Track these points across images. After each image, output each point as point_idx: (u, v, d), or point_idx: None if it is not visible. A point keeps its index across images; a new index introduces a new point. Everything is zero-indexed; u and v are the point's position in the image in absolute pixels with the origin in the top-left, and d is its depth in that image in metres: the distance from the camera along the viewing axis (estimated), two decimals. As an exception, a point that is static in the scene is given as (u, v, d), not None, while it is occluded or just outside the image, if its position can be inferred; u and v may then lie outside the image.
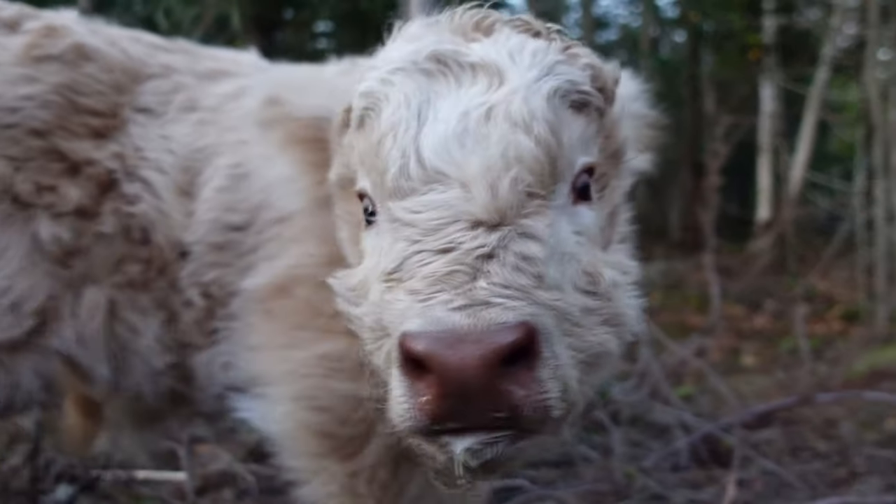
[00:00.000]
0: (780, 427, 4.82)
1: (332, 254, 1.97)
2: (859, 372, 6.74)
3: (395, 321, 1.25)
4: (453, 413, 1.15)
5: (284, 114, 1.79)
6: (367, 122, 1.48)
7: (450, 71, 1.44)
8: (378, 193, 1.43)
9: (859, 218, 8.82)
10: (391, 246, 1.33)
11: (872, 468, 4.07)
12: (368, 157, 1.44)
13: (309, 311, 1.98)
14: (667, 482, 3.80)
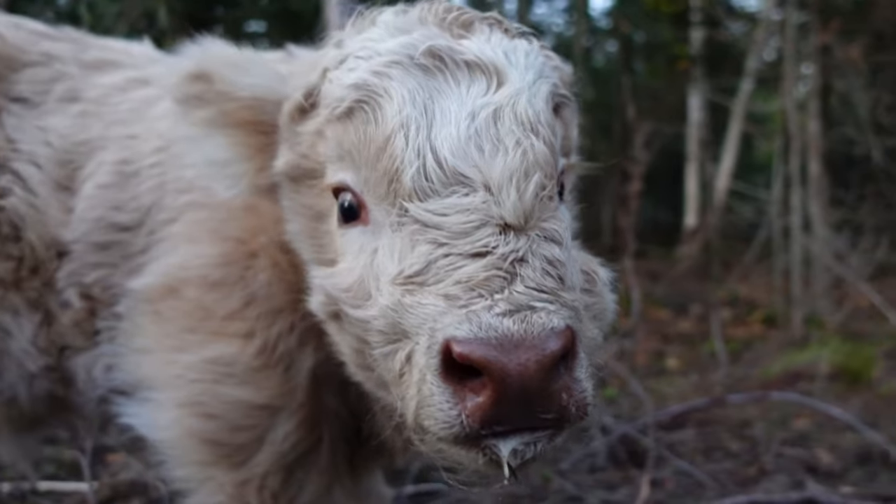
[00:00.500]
0: (696, 427, 4.95)
1: (227, 253, 1.92)
2: (775, 373, 6.98)
3: (421, 325, 1.22)
4: (506, 417, 1.15)
5: (219, 92, 1.63)
6: (360, 115, 1.41)
7: (447, 68, 1.41)
8: (377, 191, 1.38)
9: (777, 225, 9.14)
10: (410, 248, 1.29)
11: (780, 466, 4.21)
12: (364, 152, 1.39)
13: (199, 312, 1.91)
14: (583, 483, 3.85)
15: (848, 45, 9.13)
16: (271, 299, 1.89)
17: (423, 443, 1.29)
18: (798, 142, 8.72)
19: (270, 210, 1.91)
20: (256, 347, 1.88)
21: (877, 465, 4.22)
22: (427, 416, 1.20)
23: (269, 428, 1.88)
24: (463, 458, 1.25)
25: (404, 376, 1.27)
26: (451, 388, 1.17)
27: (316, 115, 1.53)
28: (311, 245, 1.60)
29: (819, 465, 4.25)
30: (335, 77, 1.50)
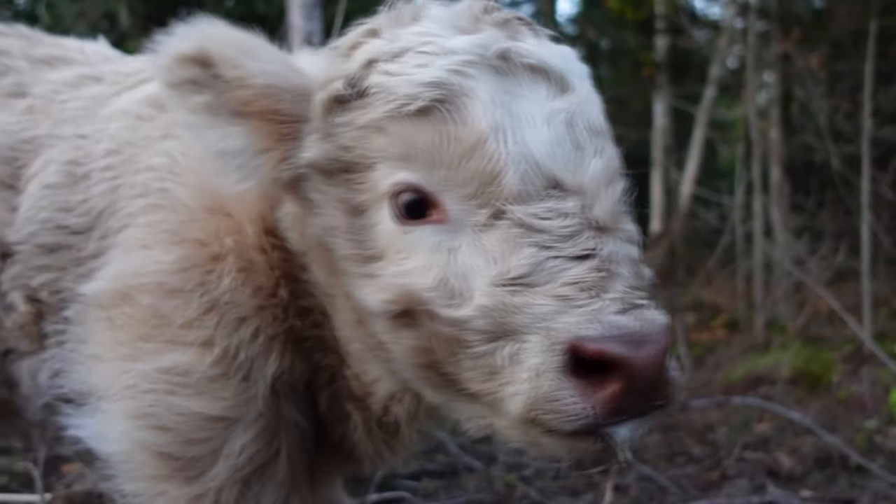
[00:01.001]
0: (660, 432, 4.98)
1: (186, 257, 1.86)
2: (738, 377, 7.06)
3: (533, 325, 1.26)
4: (629, 407, 1.23)
5: (230, 78, 1.53)
6: (439, 114, 1.39)
7: (516, 71, 1.43)
8: (462, 191, 1.38)
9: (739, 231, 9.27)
10: (511, 250, 1.31)
11: (742, 470, 4.25)
12: (445, 152, 1.38)
13: (155, 320, 1.84)
14: (547, 490, 3.85)
15: (808, 53, 9.29)
16: (235, 306, 1.84)
17: (526, 435, 1.34)
18: (759, 148, 8.85)
19: (246, 210, 1.86)
20: (215, 356, 1.83)
21: (836, 469, 4.29)
22: (548, 411, 1.25)
23: (225, 440, 1.82)
24: (574, 448, 1.33)
25: (503, 373, 1.30)
26: (576, 383, 1.23)
27: (365, 108, 1.48)
28: (347, 240, 1.54)
29: (780, 469, 4.30)
30: (394, 70, 1.46)
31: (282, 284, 1.87)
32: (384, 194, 1.47)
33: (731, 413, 5.19)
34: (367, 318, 1.55)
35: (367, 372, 1.82)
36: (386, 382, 1.79)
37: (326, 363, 1.94)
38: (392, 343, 1.52)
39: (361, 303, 1.52)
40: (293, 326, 1.90)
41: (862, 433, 5.19)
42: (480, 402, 1.40)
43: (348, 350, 1.82)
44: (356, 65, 1.51)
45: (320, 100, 1.53)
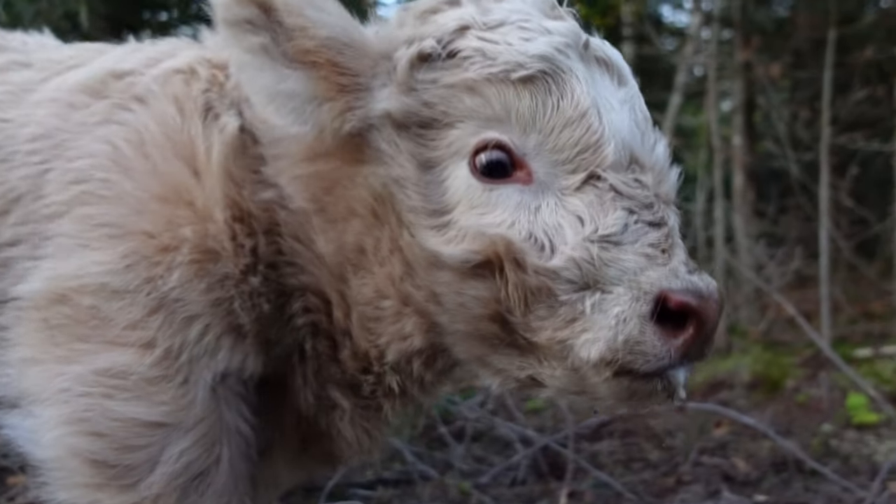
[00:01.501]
0: (619, 438, 4.99)
1: (132, 252, 1.76)
2: (698, 381, 7.11)
3: (621, 277, 1.45)
4: (693, 352, 1.44)
5: (294, 25, 1.55)
6: (544, 85, 1.53)
7: (592, 60, 1.61)
8: (554, 157, 1.53)
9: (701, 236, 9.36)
10: (603, 211, 1.49)
11: (698, 476, 4.26)
12: (546, 119, 1.52)
13: (95, 321, 1.76)
14: (502, 497, 3.82)
15: (769, 62, 9.43)
16: (184, 303, 1.77)
17: (587, 379, 1.49)
18: (722, 155, 8.95)
19: (213, 195, 1.80)
20: (155, 357, 1.76)
21: (791, 473, 4.32)
22: (632, 352, 1.43)
23: (163, 447, 1.76)
24: (640, 389, 1.50)
25: (583, 321, 1.47)
26: (657, 329, 1.42)
27: (455, 69, 1.57)
28: (416, 192, 1.60)
29: (735, 474, 4.32)
30: (495, 39, 1.57)
31: (254, 272, 1.81)
32: (466, 151, 1.56)
33: (690, 418, 5.21)
34: (428, 269, 1.60)
35: (384, 334, 1.78)
36: (408, 342, 1.75)
37: (315, 349, 1.90)
38: (454, 294, 1.58)
39: (429, 252, 1.58)
40: (263, 315, 1.83)
41: (818, 437, 5.25)
42: (538, 352, 1.54)
43: (363, 314, 1.78)
44: (446, 28, 1.60)
45: (407, 55, 1.59)
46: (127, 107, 1.94)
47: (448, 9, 1.67)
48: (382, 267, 1.70)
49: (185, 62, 2.02)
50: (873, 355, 7.76)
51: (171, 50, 2.12)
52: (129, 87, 1.98)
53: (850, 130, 9.21)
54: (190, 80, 1.97)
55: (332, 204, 1.74)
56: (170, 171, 1.83)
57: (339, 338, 1.87)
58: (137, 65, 2.05)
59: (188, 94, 1.93)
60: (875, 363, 7.37)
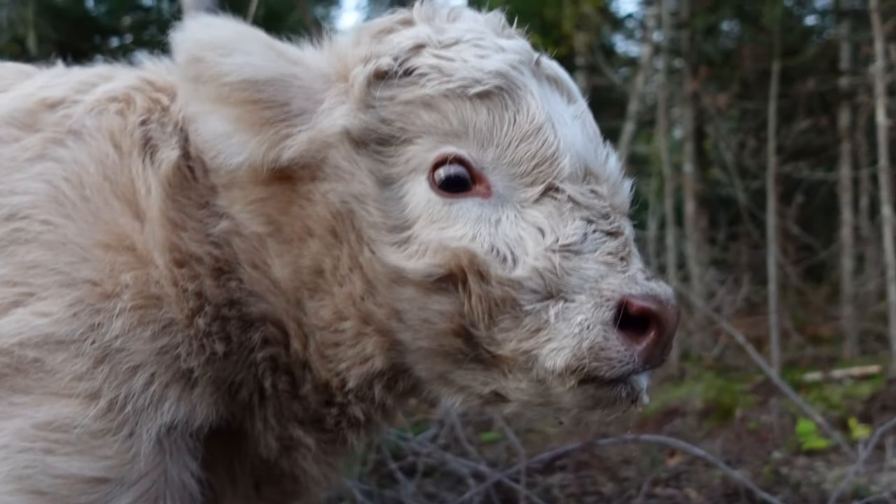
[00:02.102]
0: (573, 471, 4.95)
1: (77, 301, 1.68)
2: (653, 410, 7.13)
3: (583, 285, 1.48)
4: (655, 357, 1.47)
5: (211, 75, 1.61)
6: (500, 100, 1.56)
7: (543, 77, 1.66)
8: (512, 170, 1.55)
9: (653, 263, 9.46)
10: (562, 221, 1.52)
11: (650, 508, 4.25)
12: (503, 134, 1.55)
13: (38, 373, 1.67)
14: (453, 535, 3.75)
15: (717, 92, 9.64)
16: (128, 353, 1.69)
17: (552, 389, 1.52)
18: (673, 183, 9.09)
19: (153, 239, 1.73)
20: (99, 409, 1.68)
21: (742, 502, 4.33)
22: (597, 359, 1.45)
23: (105, 503, 1.69)
24: (604, 396, 1.52)
25: (547, 330, 1.49)
26: (620, 335, 1.45)
27: (412, 86, 1.59)
28: (375, 208, 1.60)
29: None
30: (450, 56, 1.60)
31: (201, 314, 1.75)
32: (425, 166, 1.58)
33: (642, 449, 5.21)
34: (390, 286, 1.60)
35: (344, 359, 1.76)
36: (369, 364, 1.74)
37: (275, 386, 1.84)
38: (417, 309, 1.58)
39: (391, 268, 1.58)
40: (216, 356, 1.76)
41: (769, 465, 5.28)
42: (503, 365, 1.55)
43: (322, 340, 1.76)
44: (402, 46, 1.63)
45: (363, 73, 1.61)
46: (62, 142, 1.84)
47: (403, 28, 1.70)
48: (342, 287, 1.68)
49: (122, 88, 1.94)
50: (822, 379, 7.89)
51: (104, 74, 2.02)
52: (63, 119, 1.88)
53: (796, 159, 9.46)
54: (126, 110, 1.89)
55: (288, 224, 1.72)
56: (111, 216, 1.76)
57: (299, 371, 1.83)
58: (68, 92, 1.94)
59: (124, 128, 1.86)
60: (824, 387, 7.50)
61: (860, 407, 6.56)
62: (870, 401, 6.61)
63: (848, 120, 9.66)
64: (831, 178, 9.65)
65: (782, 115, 9.19)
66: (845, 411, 6.52)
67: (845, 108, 9.74)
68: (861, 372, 7.95)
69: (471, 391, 1.66)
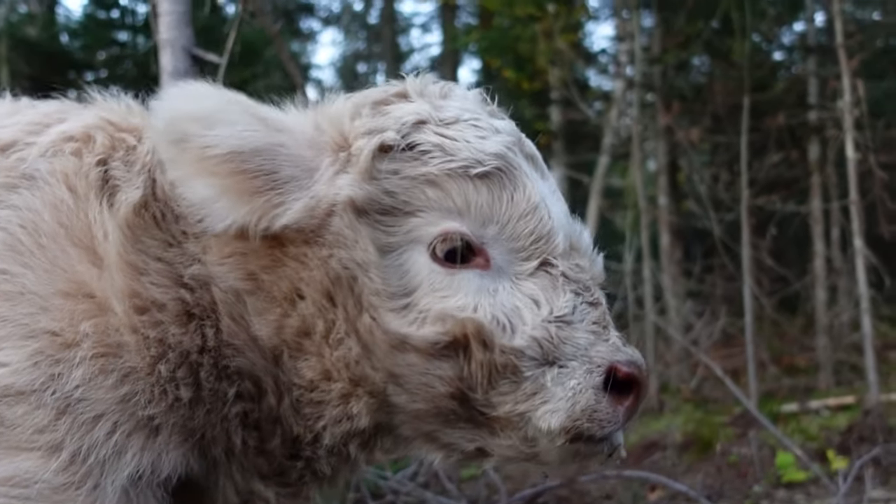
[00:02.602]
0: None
1: (36, 352, 1.61)
2: (632, 443, 7.10)
3: (576, 353, 1.60)
4: (631, 416, 1.61)
5: (194, 149, 1.63)
6: (500, 181, 1.65)
7: (527, 156, 1.74)
8: (510, 245, 1.65)
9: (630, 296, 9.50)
10: (556, 294, 1.63)
11: (631, 544, 4.20)
12: (502, 212, 1.65)
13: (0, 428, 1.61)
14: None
15: (689, 126, 9.80)
16: (90, 402, 1.63)
17: (553, 442, 1.61)
18: (649, 216, 9.17)
19: (112, 287, 1.68)
20: (62, 462, 1.61)
21: (724, 538, 4.30)
22: (589, 420, 1.57)
23: None
24: (588, 452, 1.65)
25: (543, 393, 1.59)
26: (608, 397, 1.57)
27: (415, 161, 1.66)
28: (377, 276, 1.65)
29: (670, 541, 4.28)
30: (452, 135, 1.68)
31: (163, 360, 1.69)
32: (427, 238, 1.64)
33: (623, 485, 5.16)
34: (390, 351, 1.64)
35: (323, 417, 1.75)
36: (351, 423, 1.74)
37: (245, 442, 1.79)
38: (418, 374, 1.64)
39: (393, 335, 1.63)
40: (180, 403, 1.71)
41: (750, 499, 5.27)
42: (494, 424, 1.64)
43: (301, 398, 1.75)
44: (405, 121, 1.70)
45: (369, 146, 1.66)
46: (16, 188, 1.78)
47: (399, 101, 1.76)
48: (335, 350, 1.69)
49: (79, 127, 1.87)
50: (799, 410, 7.93)
51: (56, 113, 1.94)
52: (17, 164, 1.81)
53: (768, 192, 9.59)
54: (83, 150, 1.83)
55: (273, 283, 1.71)
56: (68, 264, 1.70)
57: (269, 426, 1.79)
58: (20, 133, 1.87)
59: (79, 170, 1.79)
60: (801, 418, 7.53)
61: (837, 438, 6.59)
62: (847, 432, 6.64)
63: (817, 153, 9.84)
64: (803, 211, 9.79)
65: (754, 149, 9.35)
66: (823, 442, 6.54)
67: (815, 142, 9.93)
68: (837, 402, 8.01)
69: (454, 447, 1.72)
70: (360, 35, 24.23)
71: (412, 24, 23.41)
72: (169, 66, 3.78)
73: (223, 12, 11.84)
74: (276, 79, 12.14)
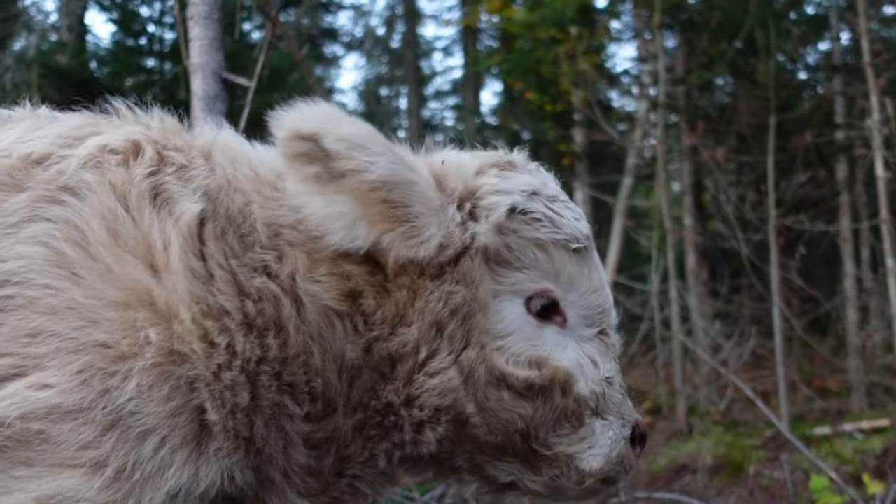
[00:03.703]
0: (584, 530, 4.82)
1: (86, 367, 1.60)
2: (662, 466, 7.00)
3: (612, 408, 1.89)
4: None
5: (345, 170, 1.74)
6: (584, 257, 1.95)
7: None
8: (582, 312, 1.93)
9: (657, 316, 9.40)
10: (606, 358, 1.92)
11: (665, 570, 4.12)
12: (582, 284, 1.93)
13: (40, 443, 1.58)
14: None
15: (715, 146, 9.74)
16: (141, 416, 1.61)
17: (582, 482, 1.86)
18: (674, 236, 9.10)
19: (177, 294, 1.66)
20: (106, 479, 1.58)
21: (759, 563, 4.20)
22: (619, 464, 1.86)
23: None
24: (603, 491, 1.91)
25: (590, 439, 1.87)
26: (632, 444, 1.88)
27: (530, 226, 1.91)
28: (489, 316, 1.85)
29: (703, 567, 4.19)
30: (557, 210, 1.95)
31: (229, 368, 1.68)
32: (526, 293, 1.88)
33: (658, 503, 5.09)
34: (487, 386, 1.82)
35: (389, 441, 1.85)
36: (416, 448, 1.85)
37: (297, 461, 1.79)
38: (505, 410, 1.83)
39: (498, 371, 1.82)
40: (237, 408, 1.69)
41: (784, 523, 5.15)
42: (540, 462, 1.86)
43: (370, 421, 1.83)
44: (524, 190, 1.95)
45: (505, 204, 1.90)
46: (56, 200, 1.74)
47: (509, 169, 2.00)
48: (431, 378, 1.81)
49: (122, 140, 1.85)
50: (832, 433, 7.77)
51: (89, 125, 1.91)
52: (56, 176, 1.76)
53: (796, 212, 9.48)
54: (130, 161, 1.81)
55: (377, 308, 1.82)
56: (124, 273, 1.67)
57: (326, 446, 1.80)
58: (52, 147, 1.83)
59: (129, 181, 1.77)
60: (834, 442, 7.37)
61: (873, 462, 6.45)
62: (882, 455, 6.49)
63: (846, 172, 9.73)
64: (832, 230, 9.67)
65: (780, 169, 9.26)
66: (858, 466, 6.40)
67: (842, 161, 9.82)
68: (871, 426, 7.83)
69: (492, 479, 1.90)
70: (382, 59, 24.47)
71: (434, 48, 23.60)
72: (200, 90, 3.83)
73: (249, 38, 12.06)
74: (301, 103, 12.30)
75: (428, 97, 23.45)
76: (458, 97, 22.72)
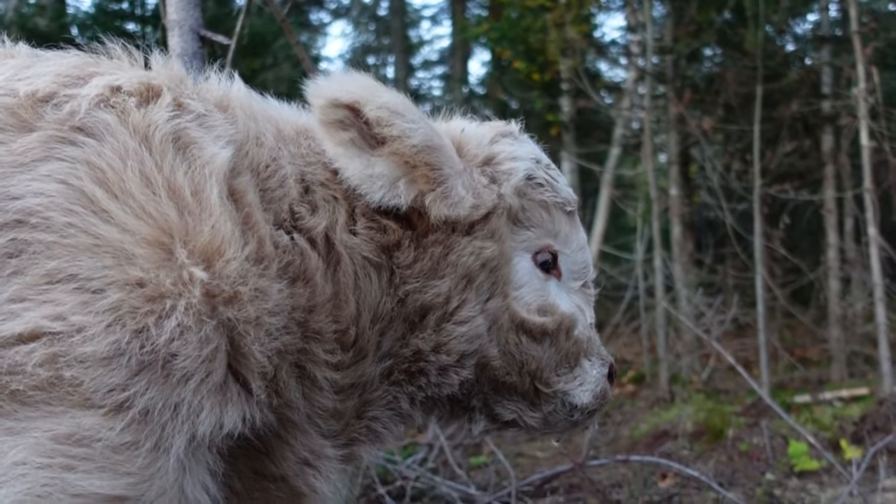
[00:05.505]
0: (565, 493, 4.87)
1: (119, 305, 1.51)
2: (643, 433, 7.07)
3: (598, 350, 2.24)
4: None
5: (389, 135, 1.87)
6: (574, 219, 2.22)
7: None
8: (569, 267, 2.20)
9: (641, 285, 9.44)
10: (590, 307, 2.24)
11: (643, 531, 4.17)
12: (572, 242, 2.20)
13: (67, 387, 1.51)
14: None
15: (702, 116, 9.71)
16: (177, 359, 1.55)
17: (571, 414, 2.19)
18: (659, 206, 9.11)
19: (219, 231, 1.61)
20: (127, 420, 1.53)
21: (736, 524, 4.26)
22: (602, 397, 2.19)
23: None
24: (585, 422, 2.24)
25: (581, 377, 2.17)
26: (608, 379, 2.22)
27: (537, 189, 2.13)
28: (510, 268, 2.08)
29: (681, 528, 4.24)
30: (554, 177, 2.20)
31: (267, 312, 1.67)
32: (533, 249, 2.12)
33: (634, 471, 5.13)
34: (509, 331, 2.06)
35: (415, 384, 2.01)
36: (439, 389, 2.03)
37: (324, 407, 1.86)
38: (521, 352, 2.08)
39: (519, 318, 2.06)
40: (277, 352, 1.70)
41: (762, 487, 5.23)
42: (538, 398, 2.12)
43: (398, 367, 1.99)
44: (531, 157, 2.17)
45: (523, 170, 2.12)
46: (71, 141, 1.65)
47: (512, 137, 2.21)
48: (460, 326, 1.98)
49: (136, 82, 1.79)
50: (812, 401, 7.86)
51: (86, 65, 1.83)
52: (68, 116, 1.67)
53: (781, 181, 9.50)
54: (148, 103, 1.75)
55: (409, 259, 1.96)
56: (158, 211, 1.60)
57: (352, 390, 1.91)
58: (54, 86, 1.73)
59: (151, 123, 1.71)
60: (814, 409, 7.46)
61: (851, 428, 6.53)
62: (860, 422, 6.58)
63: (831, 143, 9.75)
64: (817, 200, 9.70)
65: (766, 139, 9.26)
66: (836, 432, 6.48)
67: (828, 131, 9.83)
68: (850, 394, 7.93)
69: (497, 417, 2.13)
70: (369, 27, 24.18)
71: (422, 16, 23.34)
72: (177, 47, 3.74)
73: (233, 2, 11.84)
74: (285, 70, 12.13)
75: (416, 66, 23.23)
76: (446, 66, 22.53)
